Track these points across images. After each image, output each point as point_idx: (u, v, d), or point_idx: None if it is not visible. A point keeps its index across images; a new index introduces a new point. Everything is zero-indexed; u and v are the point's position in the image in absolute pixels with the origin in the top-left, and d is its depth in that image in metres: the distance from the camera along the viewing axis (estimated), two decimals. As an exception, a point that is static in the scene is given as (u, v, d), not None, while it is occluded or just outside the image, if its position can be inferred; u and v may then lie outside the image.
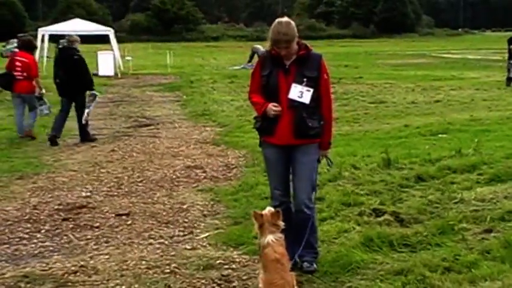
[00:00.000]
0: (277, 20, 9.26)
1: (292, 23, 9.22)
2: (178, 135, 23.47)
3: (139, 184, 15.72)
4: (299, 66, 9.24)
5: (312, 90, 9.15)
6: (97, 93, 24.40)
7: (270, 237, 8.51)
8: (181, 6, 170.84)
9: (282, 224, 8.74)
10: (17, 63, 23.23)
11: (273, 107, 9.11)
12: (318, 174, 9.99)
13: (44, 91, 24.46)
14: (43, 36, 58.05)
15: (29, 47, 24.60)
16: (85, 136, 22.72)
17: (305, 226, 9.29)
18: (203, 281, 9.26)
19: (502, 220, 11.72)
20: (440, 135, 21.80)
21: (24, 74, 23.11)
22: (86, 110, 22.78)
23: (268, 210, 8.80)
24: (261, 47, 59.42)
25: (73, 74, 22.27)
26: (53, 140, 21.90)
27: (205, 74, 52.06)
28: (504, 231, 11.08)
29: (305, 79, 9.15)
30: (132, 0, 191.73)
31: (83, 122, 22.68)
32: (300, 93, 9.12)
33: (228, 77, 48.10)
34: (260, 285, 8.36)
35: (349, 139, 21.23)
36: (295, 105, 9.13)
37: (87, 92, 23.29)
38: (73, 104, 22.72)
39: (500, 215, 11.93)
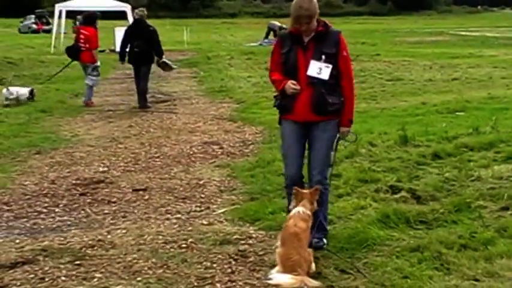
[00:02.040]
0: None
1: None
2: (195, 111, 23.52)
3: (157, 159, 15.75)
4: (317, 42, 9.21)
5: (330, 66, 9.11)
6: (168, 61, 27.08)
7: (298, 209, 8.72)
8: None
9: (315, 205, 8.95)
10: (81, 36, 25.58)
11: (291, 85, 9.10)
12: (337, 151, 9.96)
13: (98, 63, 26.13)
14: (60, 12, 57.93)
15: (90, 20, 26.72)
16: (145, 104, 24.54)
17: (320, 202, 9.28)
18: (220, 256, 9.27)
19: (518, 198, 11.71)
20: (457, 113, 21.74)
21: (87, 45, 25.32)
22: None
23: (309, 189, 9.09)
24: (277, 23, 59.47)
25: (148, 44, 24.44)
26: (144, 105, 24.43)
27: (222, 51, 51.96)
28: (521, 209, 11.09)
29: (323, 56, 9.11)
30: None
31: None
32: (319, 69, 9.08)
33: (245, 54, 48.06)
34: (276, 258, 8.44)
35: (366, 116, 21.16)
36: (314, 81, 9.11)
37: (160, 60, 25.80)
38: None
39: (517, 193, 11.93)
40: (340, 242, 9.60)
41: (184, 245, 9.74)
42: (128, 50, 24.83)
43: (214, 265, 8.98)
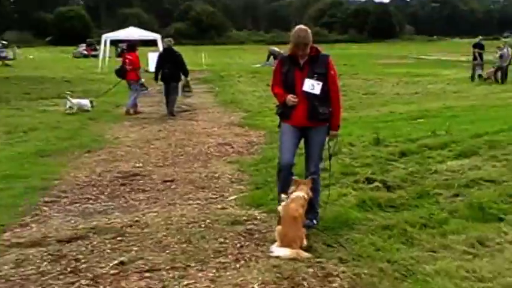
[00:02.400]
0: (298, 27, 9.36)
1: (309, 30, 9.32)
2: (211, 119, 23.48)
3: (181, 157, 15.73)
4: (311, 64, 9.32)
5: (321, 83, 9.25)
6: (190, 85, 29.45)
7: (298, 193, 8.84)
8: (213, 16, 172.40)
9: (310, 193, 9.04)
10: (126, 60, 26.67)
11: (291, 98, 9.27)
12: (332, 149, 10.12)
13: (143, 80, 28.07)
14: (105, 41, 58.26)
15: (132, 48, 27.85)
16: (173, 113, 24.83)
17: (313, 190, 9.30)
18: (231, 234, 9.29)
19: (467, 187, 11.82)
20: (419, 120, 21.79)
21: (131, 67, 26.36)
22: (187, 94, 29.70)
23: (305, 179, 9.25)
24: (276, 49, 59.45)
25: (176, 66, 25.03)
26: (172, 114, 24.70)
27: (233, 70, 52.03)
28: (468, 195, 11.16)
29: (316, 75, 9.25)
30: (175, 12, 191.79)
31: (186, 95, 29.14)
32: (312, 85, 9.23)
33: (250, 73, 48.14)
34: (276, 235, 8.56)
35: (347, 123, 21.02)
36: (309, 95, 9.25)
37: (184, 78, 27.04)
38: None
39: (465, 183, 12.04)
40: (327, 222, 9.62)
41: (203, 225, 9.76)
42: (160, 71, 25.17)
43: (227, 241, 9.01)
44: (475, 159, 14.33)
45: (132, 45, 28.89)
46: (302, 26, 9.36)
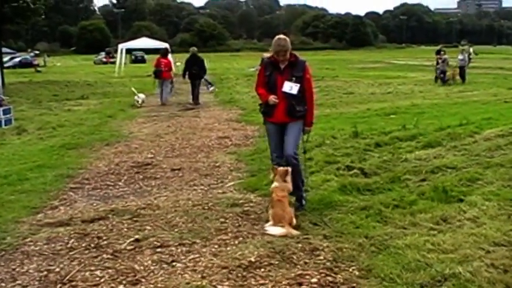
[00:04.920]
0: (277, 36, 9.44)
1: (288, 38, 9.38)
2: (213, 116, 23.40)
3: (187, 149, 15.66)
4: (290, 68, 9.35)
5: (298, 85, 9.27)
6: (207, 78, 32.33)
7: (275, 184, 8.83)
8: (214, 28, 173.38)
9: (288, 178, 8.98)
10: (162, 63, 29.24)
11: (273, 98, 9.28)
12: (308, 142, 10.05)
13: (174, 79, 31.81)
14: (121, 49, 58.56)
15: (166, 54, 30.40)
16: (198, 102, 28.55)
17: (294, 170, 9.27)
18: (230, 214, 9.28)
19: (432, 173, 11.82)
20: (391, 116, 21.77)
21: (166, 68, 29.29)
22: (210, 88, 34.34)
23: (282, 168, 9.09)
24: (267, 55, 59.45)
25: (200, 68, 28.85)
26: (197, 103, 28.36)
27: (231, 74, 52.30)
28: (434, 180, 11.16)
29: (294, 78, 9.28)
30: (181, 25, 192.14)
31: (210, 89, 33.42)
32: (291, 87, 9.24)
33: (246, 76, 48.13)
34: (269, 215, 8.65)
35: (329, 118, 21.19)
36: (287, 96, 9.26)
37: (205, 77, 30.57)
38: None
39: (431, 169, 12.02)
40: (313, 204, 9.62)
41: (206, 207, 9.74)
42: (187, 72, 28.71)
43: (227, 221, 9.00)
44: (439, 149, 14.32)
45: (165, 51, 31.18)
46: (281, 36, 9.43)
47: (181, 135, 18.23)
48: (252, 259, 7.23)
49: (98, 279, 6.85)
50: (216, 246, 7.84)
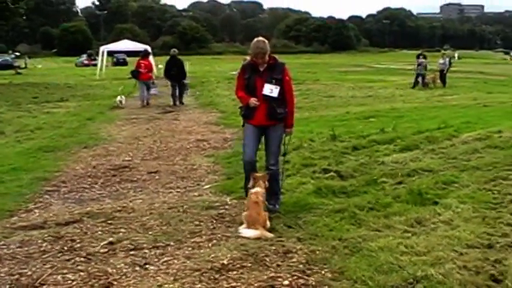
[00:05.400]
0: (256, 39, 9.38)
1: (266, 41, 9.36)
2: (192, 119, 23.33)
3: (165, 152, 15.64)
4: (269, 71, 9.32)
5: (279, 87, 9.25)
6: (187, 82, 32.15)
7: (256, 189, 8.81)
8: (197, 31, 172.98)
9: (266, 183, 9.02)
10: (142, 64, 29.56)
11: (253, 101, 9.27)
12: (287, 145, 10.00)
13: (155, 81, 32.30)
14: (103, 52, 58.40)
15: (146, 56, 31.12)
16: (182, 102, 29.57)
17: (273, 179, 9.37)
18: (205, 217, 9.29)
19: (408, 176, 11.89)
20: (370, 119, 21.81)
21: (145, 70, 29.48)
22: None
23: (262, 173, 9.25)
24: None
25: (180, 69, 29.36)
26: (175, 103, 29.15)
27: (212, 77, 52.17)
28: (410, 183, 11.24)
29: (273, 80, 9.25)
30: (163, 27, 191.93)
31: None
32: (271, 90, 9.22)
33: (227, 79, 47.96)
34: (243, 218, 8.65)
35: (308, 121, 21.23)
36: (268, 98, 9.24)
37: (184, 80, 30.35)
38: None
39: (407, 172, 12.11)
40: (288, 207, 9.64)
41: (181, 210, 9.74)
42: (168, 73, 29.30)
43: (202, 223, 9.00)
44: (417, 153, 14.41)
45: (146, 53, 32.25)
46: (260, 38, 9.41)
47: (159, 138, 18.18)
48: (225, 261, 7.24)
49: (69, 282, 6.83)
50: (189, 249, 7.85)
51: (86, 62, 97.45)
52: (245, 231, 8.37)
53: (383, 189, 10.91)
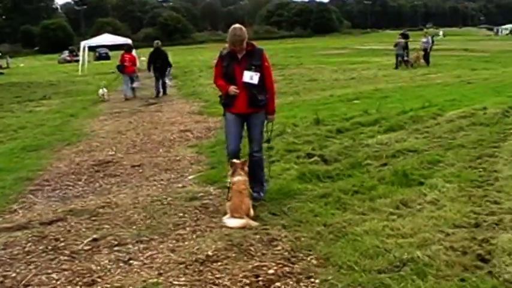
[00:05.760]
0: (233, 26, 9.21)
1: (243, 28, 9.20)
2: (175, 109, 23.22)
3: (148, 144, 15.54)
4: (248, 58, 9.19)
5: (259, 74, 9.14)
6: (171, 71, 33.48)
7: (237, 178, 8.69)
8: (178, 21, 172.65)
9: (246, 169, 8.89)
10: (126, 58, 30.02)
11: (233, 89, 9.16)
12: (271, 131, 9.88)
13: (138, 74, 31.83)
14: (84, 47, 58.10)
15: (130, 50, 31.78)
16: (165, 92, 30.01)
17: (258, 166, 9.35)
18: (189, 209, 9.21)
19: (393, 157, 11.89)
20: (354, 101, 21.83)
21: (130, 63, 30.01)
22: (168, 80, 32.37)
23: (241, 160, 9.05)
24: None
25: (164, 61, 29.66)
26: (157, 94, 29.47)
27: (195, 67, 51.99)
28: (394, 164, 11.22)
29: (253, 67, 9.14)
30: (144, 19, 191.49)
31: (168, 84, 31.64)
32: (251, 77, 9.10)
33: (210, 68, 47.18)
34: (227, 207, 8.61)
35: (292, 106, 21.21)
36: (248, 85, 9.13)
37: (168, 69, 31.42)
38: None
39: (392, 153, 12.12)
40: (272, 194, 9.56)
41: (165, 202, 9.67)
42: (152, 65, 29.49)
43: (186, 215, 8.93)
44: (401, 133, 14.45)
45: (129, 47, 32.84)
46: (237, 25, 9.23)
47: (142, 130, 18.06)
48: (209, 253, 7.18)
49: (54, 282, 6.76)
50: (173, 242, 7.78)
51: (68, 58, 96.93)
52: (229, 221, 8.31)
53: (368, 171, 10.87)
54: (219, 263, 6.89)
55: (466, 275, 6.13)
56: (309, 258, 6.87)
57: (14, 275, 7.04)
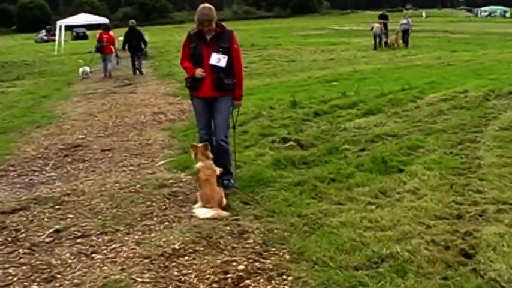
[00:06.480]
0: (201, 5, 8.89)
1: (212, 7, 8.84)
2: (150, 91, 22.80)
3: (120, 127, 15.15)
4: (216, 40, 8.82)
5: (226, 57, 8.77)
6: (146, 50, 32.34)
7: (200, 164, 8.43)
8: (156, 0, 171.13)
9: (210, 154, 8.60)
10: (104, 38, 29.94)
11: (200, 71, 8.79)
12: (240, 115, 9.64)
13: (118, 53, 32.16)
14: (60, 26, 57.63)
15: (108, 29, 31.20)
16: (142, 72, 30.18)
17: (224, 154, 9.00)
18: (158, 197, 8.83)
19: (372, 142, 11.57)
20: (332, 83, 21.51)
21: (108, 43, 29.89)
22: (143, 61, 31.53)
23: (201, 144, 8.72)
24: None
25: (139, 40, 29.83)
26: (135, 72, 30.05)
27: (172, 47, 51.24)
28: (373, 149, 10.88)
29: (221, 49, 8.77)
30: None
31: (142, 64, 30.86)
32: (218, 59, 8.74)
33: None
34: (198, 197, 8.25)
35: (269, 88, 20.90)
36: (215, 68, 8.76)
37: (145, 49, 31.07)
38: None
39: (371, 138, 11.79)
40: (244, 181, 9.19)
41: (133, 190, 9.29)
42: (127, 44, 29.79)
43: (154, 204, 8.56)
44: (380, 116, 14.14)
45: (107, 27, 32.26)
46: (206, 4, 8.86)
47: (115, 113, 17.65)
48: (177, 246, 6.80)
49: (10, 278, 6.41)
50: (139, 233, 7.41)
51: (45, 38, 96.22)
52: (199, 211, 7.95)
53: (345, 157, 10.50)
54: (186, 258, 6.50)
55: (449, 273, 5.73)
56: (281, 253, 6.48)
57: (-33, 269, 6.70)
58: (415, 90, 17.54)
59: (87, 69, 30.54)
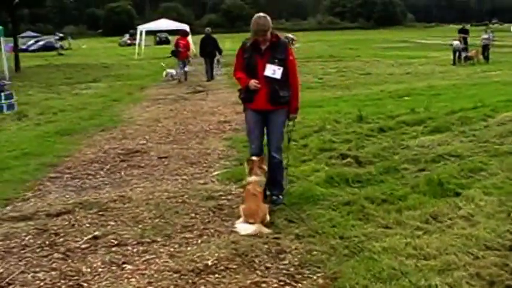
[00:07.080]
0: (256, 15, 8.58)
1: (268, 17, 8.51)
2: (220, 98, 22.78)
3: (182, 134, 15.10)
4: (271, 50, 8.50)
5: (282, 68, 8.44)
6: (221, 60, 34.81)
7: (253, 178, 8.16)
8: (241, 8, 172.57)
9: (265, 167, 8.35)
10: (180, 43, 31.26)
11: (254, 83, 8.47)
12: (293, 131, 9.34)
13: (191, 58, 33.35)
14: (141, 31, 59.14)
15: (185, 35, 32.62)
16: (212, 76, 31.28)
17: (276, 168, 8.69)
18: (203, 209, 8.63)
19: (432, 162, 11.00)
20: (404, 98, 21.01)
21: (184, 49, 31.15)
22: (219, 67, 34.45)
23: (258, 158, 8.48)
24: (290, 35, 58.99)
25: (214, 47, 31.47)
26: (209, 79, 30.68)
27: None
28: (432, 170, 10.34)
29: (276, 60, 8.44)
30: (208, 5, 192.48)
31: (217, 72, 33.21)
32: (273, 70, 8.41)
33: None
34: (241, 211, 7.99)
35: (338, 101, 20.55)
36: (270, 80, 8.44)
37: (218, 56, 32.80)
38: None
39: (432, 158, 11.22)
40: (294, 198, 8.88)
41: (180, 200, 9.13)
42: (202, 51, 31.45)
43: (197, 216, 8.36)
44: (447, 135, 13.57)
45: (185, 32, 33.76)
46: (261, 14, 8.55)
47: (180, 119, 17.63)
48: (209, 262, 6.56)
49: (38, 282, 6.35)
50: (176, 246, 7.22)
51: (128, 41, 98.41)
52: (240, 227, 7.70)
53: (402, 177, 10.04)
54: (216, 275, 6.25)
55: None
56: (315, 277, 6.16)
57: (1, 270, 6.70)
58: (487, 109, 16.84)
59: (172, 71, 31.49)
